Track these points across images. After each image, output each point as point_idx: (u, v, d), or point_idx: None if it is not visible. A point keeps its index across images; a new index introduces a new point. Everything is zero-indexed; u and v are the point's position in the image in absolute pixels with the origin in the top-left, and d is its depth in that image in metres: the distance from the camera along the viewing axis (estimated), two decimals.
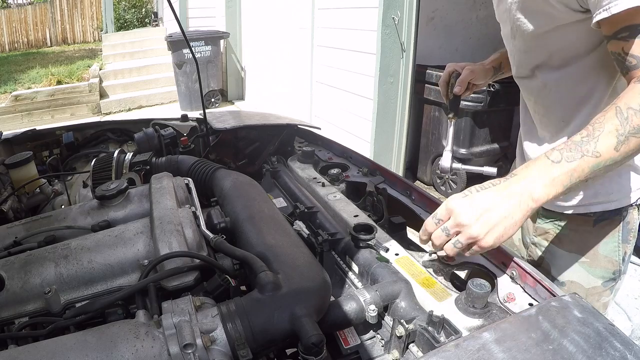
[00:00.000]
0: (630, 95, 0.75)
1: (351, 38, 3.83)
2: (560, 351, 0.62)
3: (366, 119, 3.73)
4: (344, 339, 0.81)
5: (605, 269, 1.05)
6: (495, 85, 3.41)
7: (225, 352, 0.67)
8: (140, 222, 0.96)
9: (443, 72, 1.35)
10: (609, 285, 1.08)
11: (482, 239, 0.74)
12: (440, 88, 1.38)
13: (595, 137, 0.74)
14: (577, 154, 0.74)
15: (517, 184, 0.75)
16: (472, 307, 0.79)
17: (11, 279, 0.84)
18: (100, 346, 0.65)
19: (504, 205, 0.74)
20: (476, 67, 1.29)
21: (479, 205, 0.75)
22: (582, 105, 1.00)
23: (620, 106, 0.74)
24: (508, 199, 0.74)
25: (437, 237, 0.80)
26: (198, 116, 1.76)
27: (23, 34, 12.63)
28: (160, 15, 11.27)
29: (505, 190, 0.75)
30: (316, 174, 1.42)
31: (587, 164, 0.74)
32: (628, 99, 0.75)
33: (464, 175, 3.70)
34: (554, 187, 0.74)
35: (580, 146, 0.75)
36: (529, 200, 0.74)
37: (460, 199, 0.77)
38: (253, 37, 6.64)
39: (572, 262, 1.08)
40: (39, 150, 1.70)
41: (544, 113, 1.09)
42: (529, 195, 0.74)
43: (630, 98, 0.75)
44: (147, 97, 7.57)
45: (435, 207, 1.17)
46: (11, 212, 1.28)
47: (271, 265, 0.80)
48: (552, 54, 0.98)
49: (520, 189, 0.75)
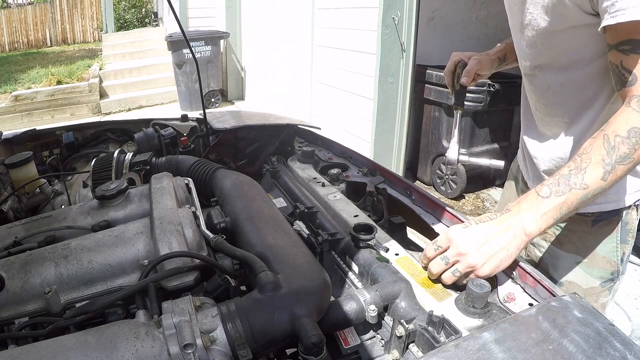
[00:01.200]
0: (618, 122, 0.78)
1: (351, 38, 3.83)
2: (560, 351, 0.62)
3: (366, 119, 3.74)
4: (344, 339, 0.81)
5: (603, 270, 1.06)
6: (495, 85, 3.41)
7: (225, 352, 0.67)
8: (140, 222, 0.96)
9: (448, 61, 1.33)
10: (607, 286, 1.08)
11: (480, 268, 0.79)
12: (445, 77, 1.35)
13: (583, 169, 0.78)
14: (566, 187, 0.79)
15: (511, 218, 0.81)
16: (472, 307, 0.79)
17: (11, 279, 0.84)
18: (100, 346, 0.65)
19: (500, 238, 0.79)
20: (482, 57, 1.29)
21: (478, 236, 0.80)
22: (585, 109, 0.99)
23: (608, 134, 0.77)
24: (504, 232, 0.80)
25: (435, 264, 0.84)
26: (198, 116, 1.76)
27: (23, 34, 12.63)
28: (160, 15, 11.27)
29: (502, 224, 0.81)
30: (316, 174, 1.42)
31: (575, 197, 0.78)
32: (616, 125, 0.77)
33: (464, 175, 3.70)
34: (544, 221, 0.79)
35: (568, 179, 0.79)
36: (522, 234, 0.80)
37: (461, 229, 0.82)
38: (253, 37, 6.64)
39: (570, 263, 1.09)
40: (39, 150, 1.70)
41: (546, 112, 1.08)
42: (522, 230, 0.79)
43: (618, 124, 0.77)
44: (147, 97, 7.57)
45: (435, 207, 1.18)
46: (11, 212, 1.28)
47: (271, 265, 0.80)
48: (557, 55, 0.97)
49: (514, 224, 0.80)
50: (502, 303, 0.84)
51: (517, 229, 0.80)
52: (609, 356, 0.62)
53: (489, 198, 3.92)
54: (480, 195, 3.96)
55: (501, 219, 0.81)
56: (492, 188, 4.06)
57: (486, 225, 0.81)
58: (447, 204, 1.20)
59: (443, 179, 3.92)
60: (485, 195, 3.96)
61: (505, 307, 0.83)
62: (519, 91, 1.25)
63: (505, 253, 0.79)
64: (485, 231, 0.80)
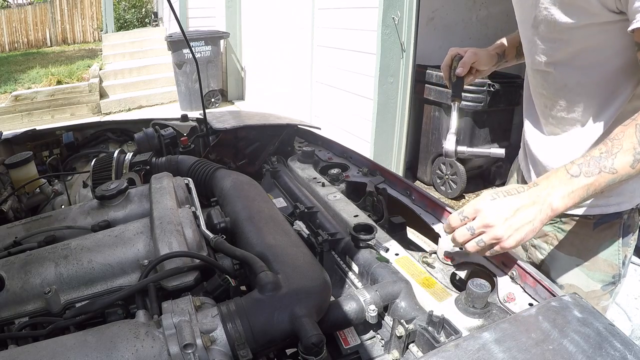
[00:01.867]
0: None
1: (351, 38, 3.83)
2: (560, 351, 0.62)
3: (366, 119, 3.73)
4: (344, 339, 0.81)
5: (604, 273, 1.05)
6: (495, 85, 3.41)
7: (225, 352, 0.67)
8: (140, 222, 0.96)
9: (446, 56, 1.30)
10: (609, 289, 1.08)
11: (505, 240, 0.80)
12: (442, 72, 1.33)
13: (613, 154, 0.78)
14: (595, 169, 0.79)
15: (538, 193, 0.81)
16: (472, 307, 0.79)
17: (11, 279, 0.84)
18: (100, 346, 0.65)
19: (527, 212, 0.80)
20: (480, 51, 1.27)
21: (505, 208, 0.80)
22: (604, 107, 0.96)
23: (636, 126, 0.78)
24: (531, 206, 0.80)
25: (461, 234, 0.84)
26: (198, 116, 1.76)
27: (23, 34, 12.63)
28: (160, 15, 11.27)
29: (529, 198, 0.81)
30: (316, 174, 1.42)
31: (604, 179, 0.79)
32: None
33: (464, 175, 3.70)
34: (571, 199, 0.80)
35: (598, 162, 0.79)
36: (548, 209, 0.80)
37: (489, 201, 0.82)
38: (253, 37, 6.64)
39: (571, 266, 1.08)
40: (39, 150, 1.70)
41: (560, 111, 1.04)
42: (548, 205, 0.80)
43: None
44: (147, 97, 7.57)
45: (435, 207, 1.18)
46: (11, 212, 1.28)
47: (271, 265, 0.81)
48: (576, 52, 0.95)
49: (542, 198, 0.81)
50: (502, 303, 0.84)
51: (543, 204, 0.80)
52: (609, 356, 0.62)
53: None
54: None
55: (529, 193, 0.81)
56: (492, 188, 4.06)
57: (514, 197, 0.81)
58: (447, 204, 1.20)
59: (443, 179, 3.92)
60: None
61: (505, 307, 0.83)
62: (519, 91, 1.24)
63: (530, 227, 0.80)
64: (512, 204, 0.80)
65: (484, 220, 0.81)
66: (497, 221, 0.80)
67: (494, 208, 0.81)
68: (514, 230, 0.80)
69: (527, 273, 0.87)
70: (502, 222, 0.80)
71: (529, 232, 0.80)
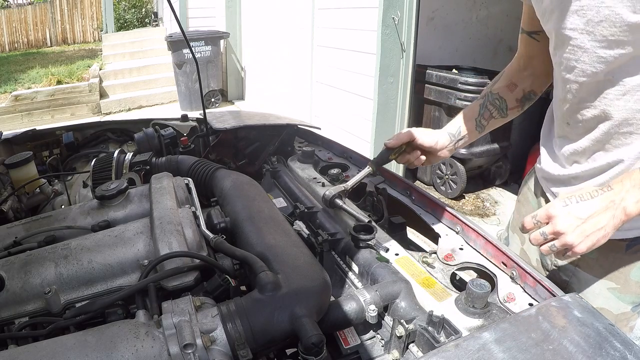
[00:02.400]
0: None
1: (351, 38, 3.83)
2: (560, 351, 0.62)
3: (366, 119, 3.73)
4: (344, 339, 0.81)
5: (636, 295, 1.01)
6: None
7: (225, 352, 0.67)
8: (140, 222, 0.96)
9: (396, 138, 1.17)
10: (638, 310, 1.04)
11: (576, 246, 0.80)
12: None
13: None
14: None
15: (612, 198, 0.80)
16: (472, 307, 0.79)
17: (11, 279, 0.84)
18: (100, 346, 0.65)
19: (599, 218, 0.79)
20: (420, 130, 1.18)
21: (577, 215, 0.80)
22: None
23: None
24: (604, 212, 0.79)
25: (534, 237, 0.85)
26: (198, 116, 1.76)
27: (23, 34, 12.62)
28: (160, 15, 11.27)
29: (602, 203, 0.80)
30: (316, 174, 1.42)
31: None
32: None
33: (464, 175, 3.70)
34: None
35: None
36: (622, 214, 0.79)
37: (561, 207, 0.82)
38: (253, 37, 6.64)
39: (600, 288, 1.03)
40: (39, 150, 1.70)
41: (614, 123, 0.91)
42: (622, 210, 0.79)
43: None
44: (147, 97, 7.57)
45: (435, 207, 1.18)
46: (11, 212, 1.28)
47: (271, 265, 0.81)
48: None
49: (615, 203, 0.79)
50: (502, 303, 0.85)
51: (617, 209, 0.79)
52: (609, 356, 0.62)
53: (489, 198, 3.92)
54: (480, 195, 3.96)
55: (602, 198, 0.80)
56: (492, 188, 4.06)
57: (586, 203, 0.81)
58: (447, 204, 1.19)
59: (443, 179, 3.92)
60: (485, 195, 3.96)
61: (505, 307, 0.83)
62: None
63: (602, 233, 0.79)
64: (584, 210, 0.80)
65: (555, 227, 0.81)
66: (568, 229, 0.80)
67: (566, 215, 0.81)
68: (585, 237, 0.79)
69: (527, 273, 0.87)
70: (573, 229, 0.80)
71: (601, 238, 0.80)
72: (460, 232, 1.10)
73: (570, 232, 0.80)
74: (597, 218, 0.79)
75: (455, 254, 1.02)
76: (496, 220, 3.58)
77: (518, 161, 3.90)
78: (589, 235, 0.79)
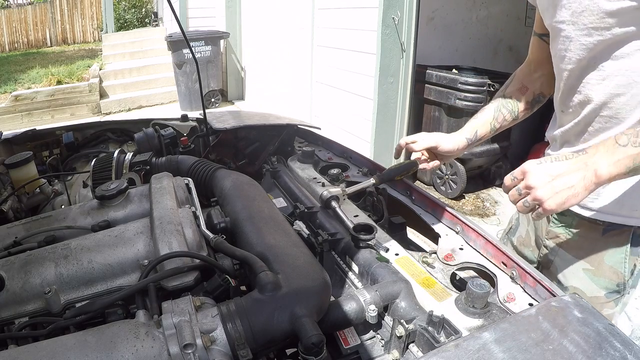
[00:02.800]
0: None
1: (351, 38, 3.83)
2: (560, 351, 0.62)
3: (366, 119, 3.73)
4: (344, 339, 0.81)
5: (609, 280, 1.04)
6: (495, 85, 3.41)
7: (225, 352, 0.67)
8: (140, 222, 0.96)
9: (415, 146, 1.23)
10: (613, 297, 1.06)
11: (545, 202, 0.82)
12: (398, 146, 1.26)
13: None
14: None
15: (585, 160, 0.83)
16: (472, 307, 0.79)
17: (11, 279, 0.84)
18: (100, 346, 0.65)
19: (570, 177, 0.82)
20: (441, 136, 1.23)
21: (548, 172, 0.83)
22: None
23: None
24: (575, 172, 0.82)
25: (512, 194, 0.89)
26: (198, 116, 1.76)
27: (23, 34, 12.62)
28: (160, 15, 11.26)
29: (575, 164, 0.83)
30: (316, 174, 1.42)
31: None
32: None
33: (464, 175, 3.70)
34: (616, 167, 0.80)
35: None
36: (592, 176, 0.81)
37: (535, 164, 0.86)
38: (253, 37, 6.64)
39: (577, 268, 1.08)
40: (39, 150, 1.70)
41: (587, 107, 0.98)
42: (593, 172, 0.81)
43: None
44: (147, 97, 7.57)
45: (435, 207, 1.18)
46: (11, 212, 1.28)
47: (271, 265, 0.80)
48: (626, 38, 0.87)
49: (587, 165, 0.82)
50: (502, 303, 0.85)
51: (588, 170, 0.81)
52: (609, 356, 0.62)
53: (489, 198, 3.92)
54: (480, 195, 3.96)
55: (576, 160, 0.83)
56: (492, 188, 4.06)
57: (559, 163, 0.84)
58: (447, 204, 1.20)
59: (443, 179, 3.92)
60: (485, 195, 3.96)
61: (505, 307, 0.83)
62: None
63: (572, 192, 0.81)
64: (557, 168, 0.83)
65: (528, 181, 0.84)
66: (539, 184, 0.83)
67: (538, 171, 0.84)
68: (554, 194, 0.81)
69: (527, 273, 0.87)
70: (543, 184, 0.82)
71: (571, 197, 0.81)
72: (460, 232, 1.10)
73: (541, 187, 0.82)
74: (568, 177, 0.82)
75: (455, 254, 1.03)
76: (496, 220, 3.58)
77: (518, 161, 3.89)
78: (559, 192, 0.81)
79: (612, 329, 0.67)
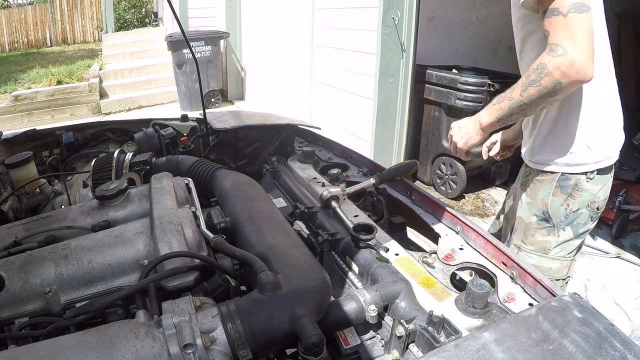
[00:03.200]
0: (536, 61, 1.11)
1: (351, 38, 3.83)
2: (560, 351, 0.62)
3: (366, 119, 3.73)
4: (344, 339, 0.82)
5: (538, 209, 1.34)
6: (496, 85, 3.41)
7: (225, 352, 0.67)
8: (140, 222, 0.96)
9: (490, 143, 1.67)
10: (543, 225, 1.34)
11: (457, 142, 1.33)
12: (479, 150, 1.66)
13: (512, 89, 1.18)
14: (502, 98, 1.21)
15: (475, 116, 1.30)
16: (472, 307, 0.79)
17: (11, 279, 0.84)
18: (100, 346, 0.65)
19: (468, 126, 1.31)
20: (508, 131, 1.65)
21: (458, 125, 1.35)
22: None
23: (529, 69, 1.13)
24: (470, 123, 1.31)
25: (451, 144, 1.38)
26: (198, 116, 1.76)
27: (23, 34, 12.62)
28: (160, 15, 11.26)
29: (471, 119, 1.31)
30: (316, 174, 1.42)
31: (505, 104, 1.19)
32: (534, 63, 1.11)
33: (464, 175, 3.70)
34: (489, 116, 1.24)
35: (504, 94, 1.20)
36: (477, 122, 1.28)
37: (454, 123, 1.38)
38: (253, 37, 6.64)
39: (523, 201, 1.40)
40: (39, 150, 1.70)
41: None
42: (477, 119, 1.28)
43: (535, 63, 1.11)
44: (147, 97, 7.57)
45: (435, 207, 1.18)
46: (11, 212, 1.28)
47: (271, 265, 0.80)
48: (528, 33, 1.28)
49: (476, 117, 1.29)
50: (502, 303, 0.85)
51: (475, 120, 1.29)
52: (609, 356, 0.62)
53: (489, 198, 3.92)
54: (480, 195, 3.95)
55: (472, 117, 1.31)
56: (492, 188, 4.05)
57: (463, 120, 1.34)
58: (447, 204, 1.20)
59: (443, 179, 3.92)
60: (485, 195, 3.96)
61: (505, 307, 0.83)
62: None
63: (465, 131, 1.31)
64: (462, 122, 1.34)
65: (450, 132, 1.37)
66: (453, 132, 1.36)
67: (454, 125, 1.37)
68: (460, 136, 1.32)
69: (527, 273, 0.87)
70: (455, 132, 1.35)
71: (464, 135, 1.31)
72: (460, 232, 1.10)
73: (454, 134, 1.35)
74: (466, 127, 1.31)
75: (455, 254, 1.03)
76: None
77: (518, 161, 3.90)
78: (462, 135, 1.31)
79: (612, 329, 0.67)
